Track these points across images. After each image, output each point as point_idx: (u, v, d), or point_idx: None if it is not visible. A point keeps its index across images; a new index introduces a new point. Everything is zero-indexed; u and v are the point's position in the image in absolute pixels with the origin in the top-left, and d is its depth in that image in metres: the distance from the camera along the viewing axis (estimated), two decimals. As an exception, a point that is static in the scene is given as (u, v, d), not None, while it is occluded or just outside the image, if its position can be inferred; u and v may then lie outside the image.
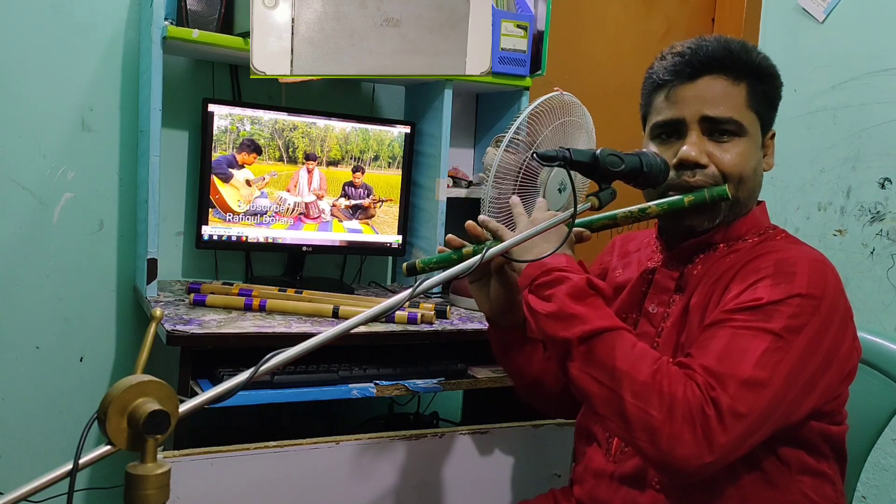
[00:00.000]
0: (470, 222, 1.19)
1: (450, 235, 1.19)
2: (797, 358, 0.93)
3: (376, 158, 1.84)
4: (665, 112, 1.10)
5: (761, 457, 1.01)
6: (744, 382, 0.90)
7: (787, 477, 1.02)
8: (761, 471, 1.01)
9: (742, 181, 1.07)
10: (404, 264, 1.21)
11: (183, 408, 0.67)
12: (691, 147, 1.06)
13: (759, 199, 1.15)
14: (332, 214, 1.82)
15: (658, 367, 0.92)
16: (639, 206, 1.10)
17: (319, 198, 1.80)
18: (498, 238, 1.13)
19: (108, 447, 0.64)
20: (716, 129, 1.07)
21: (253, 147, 1.70)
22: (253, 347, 1.34)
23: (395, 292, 1.85)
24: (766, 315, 0.94)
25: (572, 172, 1.00)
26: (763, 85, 1.09)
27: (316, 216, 1.81)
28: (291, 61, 1.54)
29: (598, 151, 1.00)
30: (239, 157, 1.69)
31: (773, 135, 1.14)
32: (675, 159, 1.08)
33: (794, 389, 0.93)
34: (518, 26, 1.83)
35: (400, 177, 1.87)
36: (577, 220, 1.14)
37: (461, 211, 1.92)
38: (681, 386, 0.90)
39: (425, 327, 1.51)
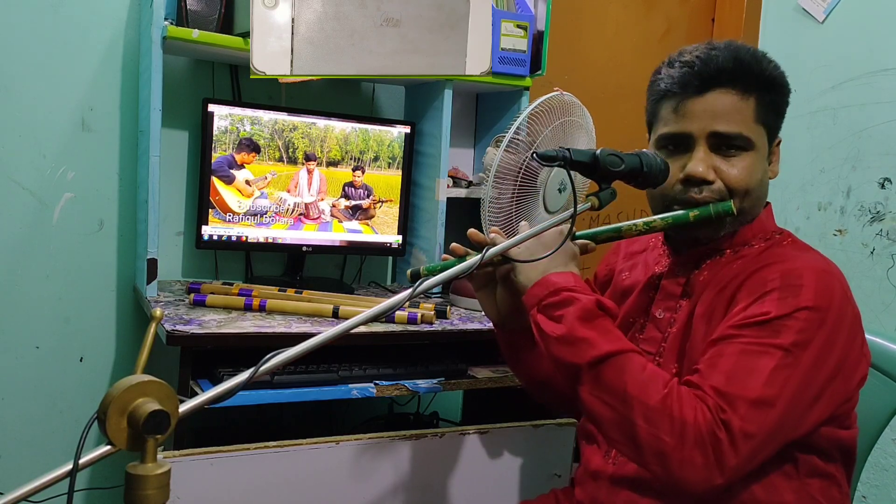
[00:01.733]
0: (472, 230, 1.19)
1: (454, 244, 1.19)
2: (805, 373, 0.93)
3: (376, 159, 1.84)
4: (672, 125, 1.08)
5: (770, 459, 1.01)
6: (753, 402, 0.90)
7: (797, 479, 1.02)
8: (770, 473, 1.01)
9: (748, 194, 1.07)
10: (408, 271, 1.21)
11: (183, 408, 0.67)
12: (698, 163, 1.06)
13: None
14: (332, 215, 1.82)
15: (669, 391, 0.92)
16: (644, 219, 1.10)
17: (319, 199, 1.80)
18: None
19: (108, 447, 0.64)
20: (724, 143, 1.06)
21: (251, 146, 1.70)
22: (253, 347, 1.34)
23: (395, 292, 1.84)
24: (775, 331, 0.94)
25: (572, 172, 1.00)
26: (772, 95, 1.08)
27: (316, 217, 1.80)
28: (291, 61, 1.54)
29: (598, 151, 1.00)
30: (238, 157, 1.69)
31: (780, 142, 1.13)
32: (682, 174, 1.07)
33: (802, 404, 0.94)
34: (518, 26, 1.82)
35: (400, 177, 1.87)
36: (581, 233, 1.15)
37: (461, 211, 1.92)
38: (691, 410, 0.90)
39: (425, 327, 1.51)
